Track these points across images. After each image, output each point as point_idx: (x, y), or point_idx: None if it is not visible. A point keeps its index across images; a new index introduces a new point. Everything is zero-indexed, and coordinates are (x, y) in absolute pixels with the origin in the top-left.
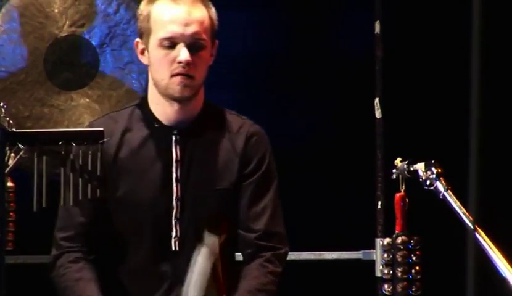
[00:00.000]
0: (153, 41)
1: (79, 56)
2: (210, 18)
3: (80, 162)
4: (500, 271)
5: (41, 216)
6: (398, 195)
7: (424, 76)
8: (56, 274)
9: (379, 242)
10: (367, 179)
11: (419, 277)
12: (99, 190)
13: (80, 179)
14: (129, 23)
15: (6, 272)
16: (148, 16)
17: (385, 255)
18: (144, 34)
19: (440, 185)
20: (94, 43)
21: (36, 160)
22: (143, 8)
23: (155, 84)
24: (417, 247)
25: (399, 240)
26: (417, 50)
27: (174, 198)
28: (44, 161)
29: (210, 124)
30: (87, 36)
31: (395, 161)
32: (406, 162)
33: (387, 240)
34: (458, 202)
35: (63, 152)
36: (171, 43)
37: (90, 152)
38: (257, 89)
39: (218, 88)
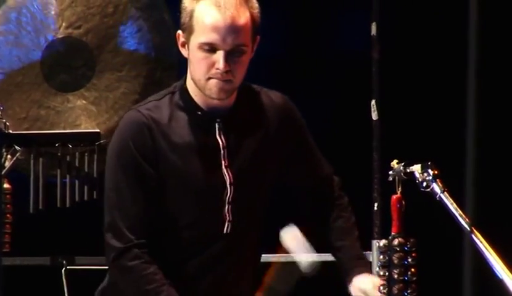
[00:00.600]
0: (194, 41)
1: (75, 58)
2: (253, 19)
3: (77, 163)
4: (497, 272)
5: (38, 217)
6: (394, 196)
7: (420, 78)
8: (128, 271)
9: (375, 243)
10: (364, 180)
11: (415, 279)
12: (95, 191)
13: (77, 181)
14: (126, 25)
15: (3, 273)
16: (191, 14)
17: (381, 257)
18: (186, 30)
19: (436, 187)
20: (90, 45)
21: (32, 161)
22: (187, 3)
23: (193, 80)
24: (414, 249)
25: (395, 241)
26: (414, 52)
27: (227, 183)
28: (41, 162)
29: (247, 106)
30: (83, 38)
31: (392, 163)
32: (403, 164)
33: (383, 242)
34: (454, 204)
35: (59, 154)
36: (211, 48)
37: (86, 154)
38: None
39: None
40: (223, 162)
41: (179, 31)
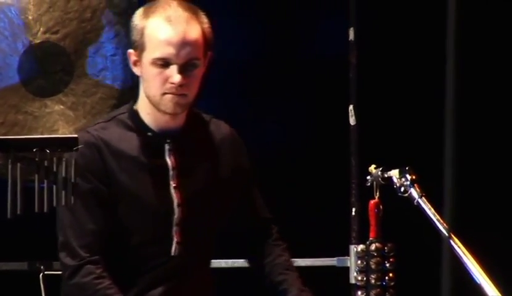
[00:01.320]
0: (147, 58)
1: (53, 63)
2: (204, 34)
3: (54, 169)
4: (475, 277)
5: (15, 222)
6: (372, 201)
7: (398, 83)
8: (82, 287)
9: (353, 248)
10: (342, 185)
11: (393, 284)
12: (72, 197)
13: (54, 186)
14: (104, 30)
15: None
16: (142, 32)
17: (359, 262)
18: (138, 48)
19: (414, 192)
20: (68, 50)
21: (10, 166)
22: (137, 21)
23: (147, 97)
24: (391, 254)
25: (373, 246)
26: (392, 57)
27: (175, 205)
28: (18, 168)
29: (196, 129)
30: (61, 43)
31: (370, 168)
32: (381, 169)
33: (361, 247)
34: (432, 209)
35: (37, 159)
36: (164, 63)
37: (64, 159)
38: (231, 95)
39: None
40: (172, 183)
41: (130, 50)
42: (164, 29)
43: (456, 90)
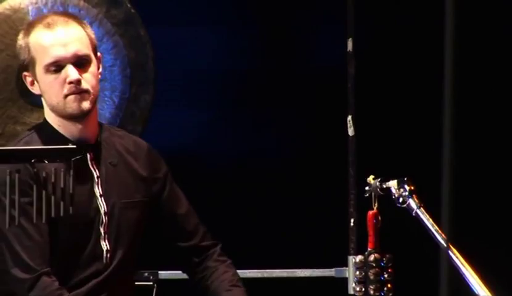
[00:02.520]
0: (40, 68)
1: None
2: (87, 34)
3: (53, 179)
4: (473, 288)
5: None
6: (370, 212)
7: (396, 94)
8: None
9: (351, 259)
10: (340, 196)
11: (391, 294)
12: (71, 207)
13: (53, 197)
14: (102, 41)
15: None
16: (28, 48)
17: (358, 273)
18: (29, 65)
19: (412, 203)
20: None
21: (8, 177)
22: (21, 41)
23: (53, 110)
24: (390, 265)
25: (371, 257)
26: (390, 67)
27: (102, 212)
28: (17, 178)
29: (112, 140)
30: None
31: (368, 179)
32: (379, 179)
33: (359, 258)
34: (430, 219)
35: (36, 170)
36: (57, 66)
37: (62, 170)
38: (229, 106)
39: (190, 105)
40: (98, 191)
41: (25, 73)
42: (46, 35)
43: (454, 101)
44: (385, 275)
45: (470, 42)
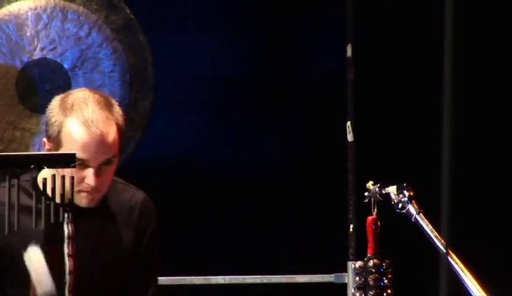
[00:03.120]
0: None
1: (50, 79)
2: (119, 129)
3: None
4: (472, 294)
5: None
6: (370, 218)
7: (395, 99)
8: None
9: (350, 265)
10: (339, 202)
11: None
12: (70, 213)
13: (51, 203)
14: (101, 46)
15: None
16: (60, 129)
17: (357, 278)
18: (53, 141)
19: (412, 209)
20: (65, 66)
21: (7, 183)
22: (55, 113)
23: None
24: (389, 270)
25: (371, 263)
26: (389, 73)
27: (67, 273)
28: (16, 184)
29: (103, 198)
30: (59, 59)
31: (367, 184)
32: (378, 185)
33: (358, 263)
34: (429, 225)
35: (34, 176)
36: (80, 164)
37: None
38: (229, 111)
39: (190, 111)
40: (66, 250)
41: (45, 139)
42: (81, 133)
43: (453, 106)
44: (385, 281)
45: (470, 48)
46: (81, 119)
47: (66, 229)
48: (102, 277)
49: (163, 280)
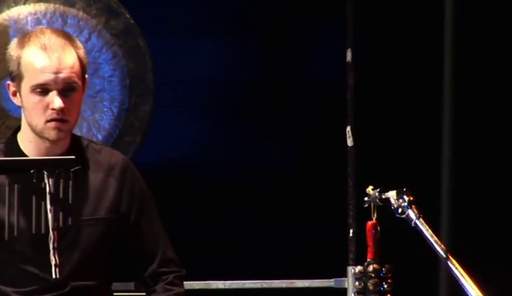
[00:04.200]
0: (25, 86)
1: None
2: (80, 59)
3: (52, 190)
4: None
5: None
6: (369, 223)
7: (395, 104)
8: None
9: (350, 269)
10: (339, 206)
11: None
12: (70, 218)
13: (52, 207)
14: (101, 51)
15: None
16: (18, 61)
17: (357, 283)
18: (16, 78)
19: (411, 213)
20: None
21: (7, 188)
22: (13, 51)
23: (30, 126)
24: (389, 275)
25: (371, 268)
26: (389, 78)
27: (50, 227)
28: (16, 189)
29: (80, 156)
30: None
31: (367, 189)
32: (378, 190)
33: (358, 268)
34: (429, 230)
35: (34, 180)
36: (43, 90)
37: (61, 180)
38: (229, 116)
39: (190, 116)
40: (48, 207)
41: (9, 81)
42: (40, 57)
43: (453, 111)
44: (385, 286)
45: (470, 55)
46: (38, 45)
47: (48, 186)
48: (84, 234)
49: None
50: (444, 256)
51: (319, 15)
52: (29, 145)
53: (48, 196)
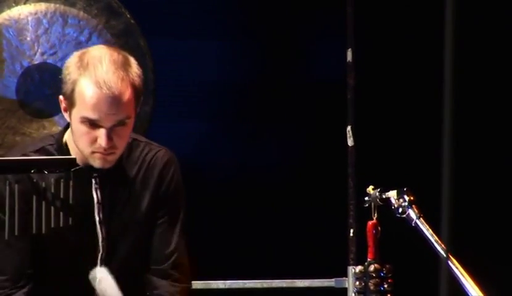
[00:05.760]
0: (76, 114)
1: (51, 84)
2: (135, 90)
3: (52, 190)
4: None
5: None
6: (370, 222)
7: (396, 104)
8: None
9: (351, 269)
10: (340, 206)
11: None
12: (70, 218)
13: (52, 207)
14: None
15: None
16: (73, 87)
17: (358, 283)
18: (68, 99)
19: (412, 213)
20: None
21: (8, 188)
22: (71, 71)
23: (77, 147)
24: (389, 275)
25: (371, 268)
26: (389, 78)
27: (100, 241)
28: (16, 189)
29: (123, 159)
30: (59, 64)
31: (367, 189)
32: (379, 190)
33: (359, 268)
34: (430, 230)
35: (35, 180)
36: (93, 124)
37: (62, 180)
38: (229, 117)
39: (190, 117)
40: (97, 218)
41: (61, 97)
42: (92, 93)
43: (454, 111)
44: (385, 286)
45: (470, 52)
46: (93, 79)
47: (95, 195)
48: (125, 240)
49: None
50: (444, 255)
51: (319, 16)
52: (77, 151)
53: (96, 206)
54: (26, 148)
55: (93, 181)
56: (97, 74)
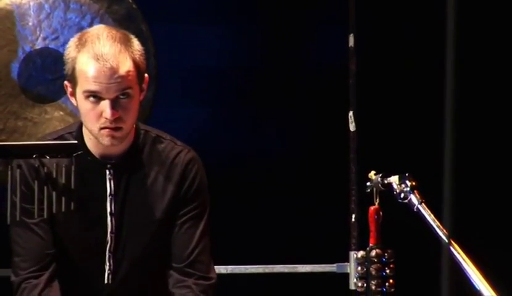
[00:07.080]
0: (79, 91)
1: (53, 69)
2: (136, 64)
3: (54, 175)
4: (475, 284)
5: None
6: (372, 208)
7: (398, 89)
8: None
9: (352, 255)
10: (341, 192)
11: (392, 290)
12: (72, 203)
13: (54, 192)
14: None
15: None
16: (73, 66)
17: (359, 268)
18: (71, 79)
19: (414, 198)
20: None
21: (10, 173)
22: (69, 53)
23: (87, 128)
24: (391, 260)
25: (373, 253)
26: (391, 63)
27: (108, 232)
28: (18, 174)
29: (143, 153)
30: (61, 49)
31: (369, 174)
32: (380, 175)
33: (360, 253)
34: (432, 215)
35: (37, 165)
36: (95, 98)
37: (64, 165)
38: (231, 102)
39: (192, 102)
40: (108, 209)
41: (66, 82)
42: (92, 67)
43: (456, 96)
44: (387, 271)
45: (472, 37)
46: (91, 54)
47: (109, 187)
48: (139, 237)
49: None
50: (446, 241)
51: (321, 1)
52: (89, 141)
53: (109, 198)
54: (50, 135)
55: (107, 172)
56: (94, 48)
